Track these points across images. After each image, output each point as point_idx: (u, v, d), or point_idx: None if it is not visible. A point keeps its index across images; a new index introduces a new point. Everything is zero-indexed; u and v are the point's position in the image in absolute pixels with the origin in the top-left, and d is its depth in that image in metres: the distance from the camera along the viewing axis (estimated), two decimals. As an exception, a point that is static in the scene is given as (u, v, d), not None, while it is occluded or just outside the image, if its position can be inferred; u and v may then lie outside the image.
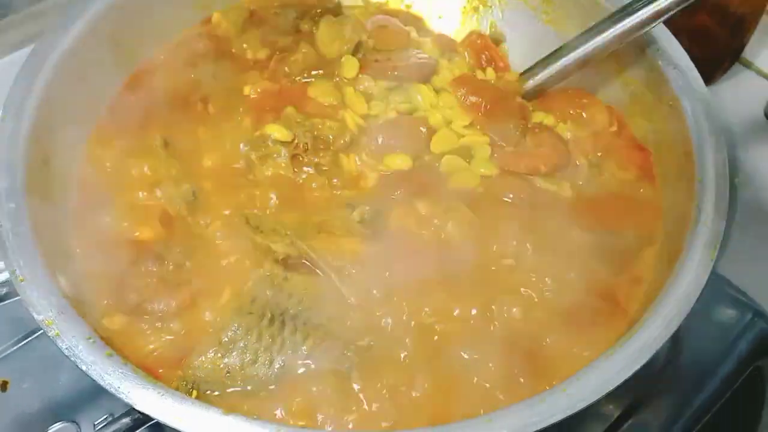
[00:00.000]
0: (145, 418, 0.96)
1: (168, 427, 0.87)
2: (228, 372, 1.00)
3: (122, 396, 0.88)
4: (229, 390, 0.99)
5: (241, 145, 1.21)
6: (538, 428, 0.86)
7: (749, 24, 1.59)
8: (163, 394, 0.87)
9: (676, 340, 1.21)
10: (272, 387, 0.99)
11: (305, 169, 1.21)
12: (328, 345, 1.01)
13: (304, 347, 1.01)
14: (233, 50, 1.38)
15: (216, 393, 0.99)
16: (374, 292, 1.07)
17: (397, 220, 1.15)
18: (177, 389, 0.96)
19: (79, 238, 1.13)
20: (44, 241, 1.02)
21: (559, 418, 0.86)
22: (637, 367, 0.90)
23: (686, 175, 1.12)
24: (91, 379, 0.89)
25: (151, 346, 1.03)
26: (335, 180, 1.19)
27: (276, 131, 1.20)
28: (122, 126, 1.25)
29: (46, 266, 0.99)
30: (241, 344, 1.01)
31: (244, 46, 1.37)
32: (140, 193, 1.17)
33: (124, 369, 0.90)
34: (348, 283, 1.08)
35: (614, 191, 1.22)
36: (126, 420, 0.98)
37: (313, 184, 1.20)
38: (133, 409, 0.88)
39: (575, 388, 0.89)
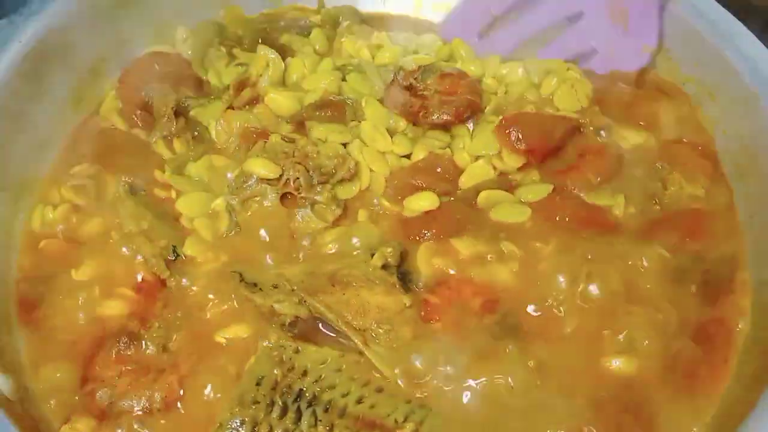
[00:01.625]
0: None
1: None
2: (233, 485, 0.77)
3: None
4: None
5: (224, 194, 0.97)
6: None
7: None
8: None
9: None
10: None
11: (300, 211, 0.96)
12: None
13: None
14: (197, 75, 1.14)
15: None
16: (414, 360, 0.85)
17: (427, 262, 0.92)
18: None
19: (25, 324, 0.90)
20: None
21: None
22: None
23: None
24: None
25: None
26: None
27: (259, 167, 0.95)
28: (76, 174, 1.02)
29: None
30: (248, 445, 0.78)
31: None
32: (103, 258, 0.93)
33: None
34: (378, 350, 0.86)
35: (682, 206, 1.00)
36: None
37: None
38: None
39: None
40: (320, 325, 0.89)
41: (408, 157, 1.02)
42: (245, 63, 1.13)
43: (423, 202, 0.97)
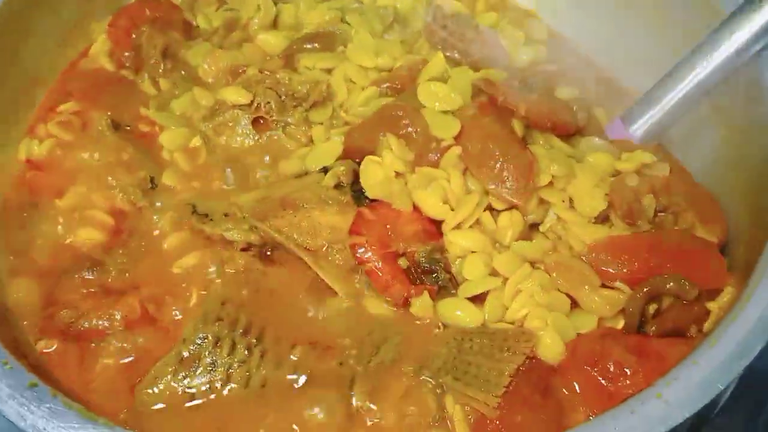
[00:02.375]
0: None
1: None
2: (192, 397, 0.76)
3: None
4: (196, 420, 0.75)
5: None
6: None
7: None
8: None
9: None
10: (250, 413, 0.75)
11: (270, 134, 0.97)
12: (320, 353, 0.78)
13: (292, 357, 0.77)
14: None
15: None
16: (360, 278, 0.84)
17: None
18: (125, 423, 0.74)
19: (5, 245, 0.90)
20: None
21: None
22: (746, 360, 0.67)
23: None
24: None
25: (95, 370, 0.79)
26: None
27: (231, 94, 0.97)
28: (63, 111, 1.03)
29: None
30: (208, 360, 0.77)
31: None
32: (84, 187, 0.94)
33: (52, 403, 0.67)
34: (328, 269, 0.85)
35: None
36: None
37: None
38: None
39: (673, 391, 0.65)
40: (272, 250, 0.88)
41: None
42: (235, 8, 1.14)
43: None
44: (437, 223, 0.87)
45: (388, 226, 0.85)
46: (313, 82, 0.98)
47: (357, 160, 0.91)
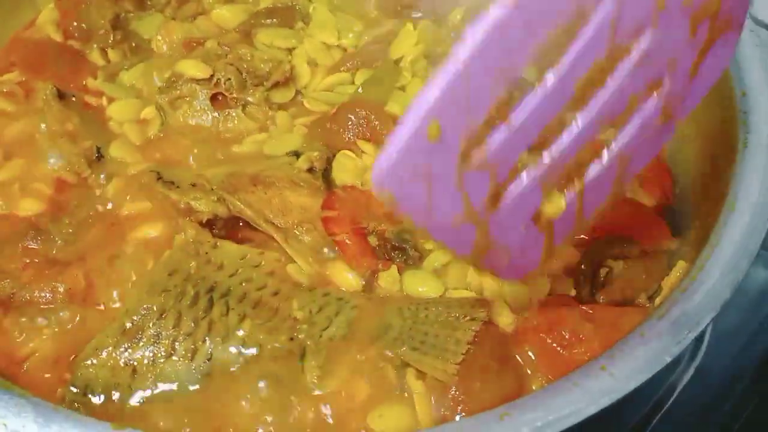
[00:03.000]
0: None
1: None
2: (134, 371, 0.72)
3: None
4: (137, 395, 0.71)
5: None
6: (571, 424, 0.60)
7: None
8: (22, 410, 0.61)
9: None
10: (195, 387, 0.72)
11: (229, 112, 0.95)
12: (272, 326, 0.75)
13: (241, 331, 0.74)
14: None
15: (117, 397, 0.71)
16: (328, 253, 0.82)
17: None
18: (63, 399, 0.70)
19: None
20: None
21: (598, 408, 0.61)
22: (694, 333, 0.65)
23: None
24: None
25: (31, 345, 0.76)
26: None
27: (189, 67, 0.94)
28: (5, 81, 0.99)
29: None
30: (152, 332, 0.74)
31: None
32: (25, 158, 0.90)
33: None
34: (297, 247, 0.83)
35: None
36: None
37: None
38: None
39: (619, 365, 0.64)
40: (240, 225, 0.86)
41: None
42: (189, -20, 1.12)
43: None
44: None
45: (360, 205, 0.84)
46: (276, 60, 0.96)
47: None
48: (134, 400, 0.71)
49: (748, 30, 0.89)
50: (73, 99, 0.97)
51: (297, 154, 0.90)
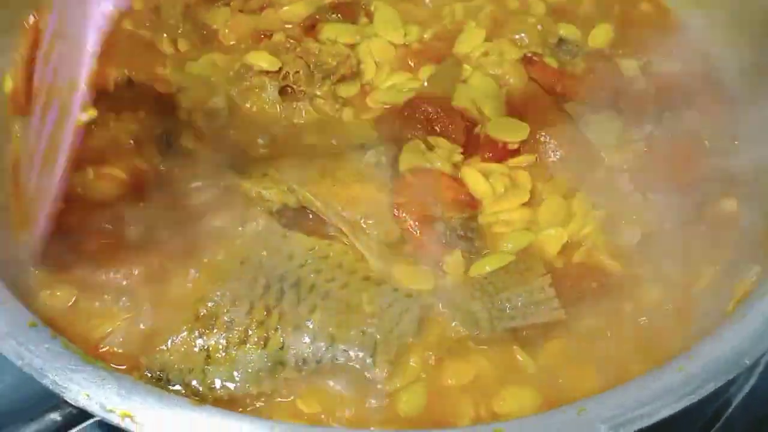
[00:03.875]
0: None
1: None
2: (208, 356, 0.74)
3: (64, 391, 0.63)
4: (210, 380, 0.72)
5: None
6: (645, 424, 0.61)
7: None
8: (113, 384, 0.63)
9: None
10: (264, 374, 0.73)
11: (297, 105, 0.96)
12: (342, 319, 0.76)
13: (311, 322, 0.76)
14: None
15: (193, 384, 0.72)
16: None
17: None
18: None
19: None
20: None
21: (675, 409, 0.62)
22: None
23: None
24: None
25: (107, 328, 0.77)
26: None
27: (259, 59, 0.96)
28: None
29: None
30: (226, 318, 0.75)
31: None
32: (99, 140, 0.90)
33: (51, 344, 0.66)
34: (366, 240, 0.84)
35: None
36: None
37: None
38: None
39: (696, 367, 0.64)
40: (309, 215, 0.86)
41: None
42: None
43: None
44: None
45: (427, 191, 0.85)
46: (343, 55, 0.97)
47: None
48: (207, 387, 0.72)
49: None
50: (144, 86, 0.98)
51: (364, 148, 0.91)
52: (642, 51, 1.00)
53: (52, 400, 0.66)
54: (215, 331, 0.75)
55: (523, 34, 1.01)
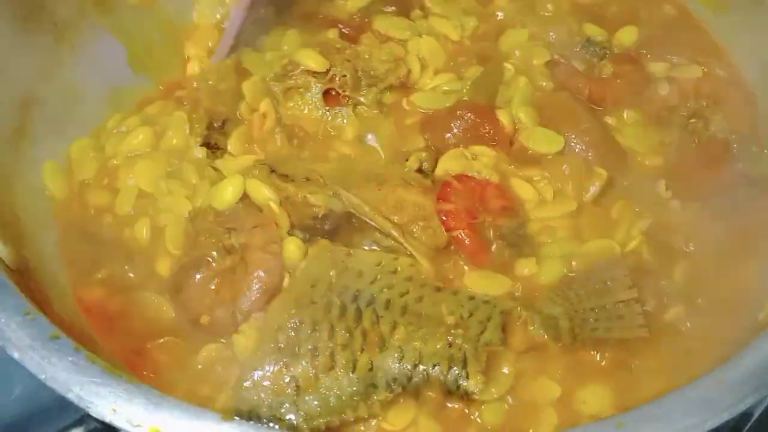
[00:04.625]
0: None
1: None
2: (297, 386, 0.72)
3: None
4: (304, 412, 0.71)
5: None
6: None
7: None
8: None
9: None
10: (358, 398, 0.72)
11: (341, 110, 0.93)
12: (426, 333, 0.75)
13: (395, 339, 0.75)
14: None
15: (288, 418, 0.70)
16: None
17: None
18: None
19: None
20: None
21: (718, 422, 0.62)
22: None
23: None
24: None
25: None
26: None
27: (308, 58, 0.93)
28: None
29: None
30: (309, 346, 0.73)
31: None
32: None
33: (75, 357, 0.64)
34: (416, 244, 0.83)
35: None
36: None
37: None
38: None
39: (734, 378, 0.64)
40: (353, 221, 0.85)
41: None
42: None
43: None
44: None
45: (474, 198, 0.85)
46: (393, 61, 0.94)
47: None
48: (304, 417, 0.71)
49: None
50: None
51: (406, 153, 0.91)
52: (668, 53, 1.01)
53: (69, 412, 0.67)
54: (300, 359, 0.73)
55: (552, 34, 1.02)
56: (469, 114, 0.92)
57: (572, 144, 0.91)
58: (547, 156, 0.91)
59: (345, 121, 0.93)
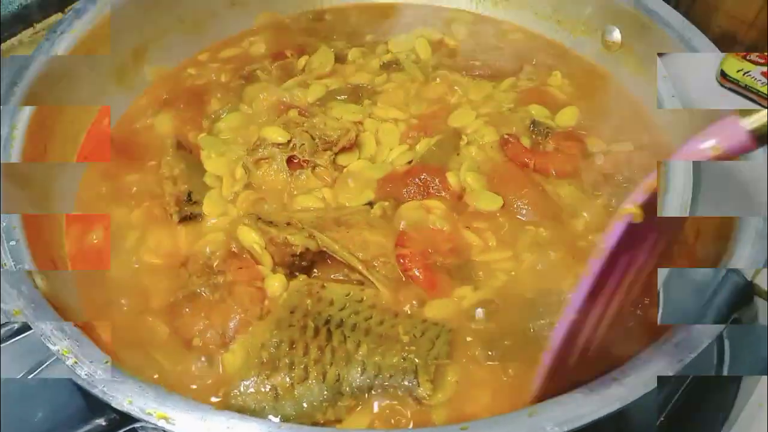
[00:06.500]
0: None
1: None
2: (276, 394, 0.87)
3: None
4: (281, 415, 0.86)
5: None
6: (584, 423, 0.75)
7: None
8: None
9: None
10: (327, 404, 0.88)
11: (301, 172, 1.12)
12: (384, 349, 0.91)
13: (359, 355, 0.90)
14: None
15: (270, 419, 0.85)
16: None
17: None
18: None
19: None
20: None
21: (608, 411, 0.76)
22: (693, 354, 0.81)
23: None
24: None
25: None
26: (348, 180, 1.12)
27: (273, 133, 1.12)
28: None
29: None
30: (287, 360, 0.89)
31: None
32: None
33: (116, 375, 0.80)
34: (378, 277, 0.99)
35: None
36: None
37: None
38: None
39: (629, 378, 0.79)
40: (327, 258, 1.02)
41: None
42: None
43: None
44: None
45: (428, 243, 1.02)
46: (344, 129, 1.13)
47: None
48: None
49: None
50: (190, 153, 1.16)
51: (371, 204, 1.08)
52: (604, 130, 1.17)
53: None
54: (279, 371, 0.88)
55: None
56: (424, 174, 1.10)
57: (515, 205, 1.08)
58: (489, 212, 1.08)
59: (304, 180, 1.10)
